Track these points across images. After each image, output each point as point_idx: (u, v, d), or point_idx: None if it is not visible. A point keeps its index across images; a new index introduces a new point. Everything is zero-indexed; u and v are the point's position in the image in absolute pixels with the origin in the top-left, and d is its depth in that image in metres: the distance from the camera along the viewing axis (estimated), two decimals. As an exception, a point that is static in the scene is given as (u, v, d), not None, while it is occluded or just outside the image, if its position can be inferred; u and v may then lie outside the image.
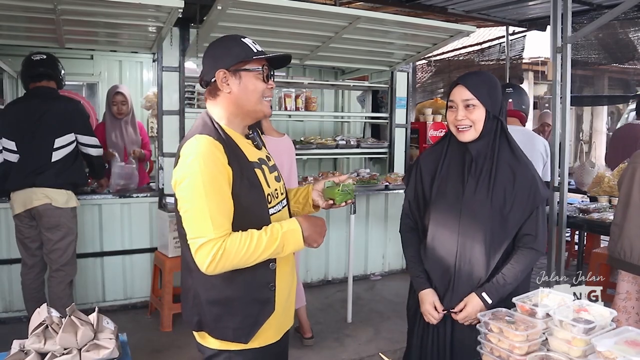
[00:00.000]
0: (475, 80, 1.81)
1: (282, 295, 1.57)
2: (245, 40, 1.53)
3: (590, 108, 14.97)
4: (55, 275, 3.22)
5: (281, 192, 1.63)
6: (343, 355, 3.40)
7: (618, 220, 2.66)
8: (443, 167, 1.87)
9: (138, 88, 5.68)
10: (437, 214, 1.84)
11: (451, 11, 5.19)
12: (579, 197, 5.52)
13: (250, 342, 1.50)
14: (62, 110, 3.22)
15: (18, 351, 1.49)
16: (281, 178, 1.67)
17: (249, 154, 1.53)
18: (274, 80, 1.58)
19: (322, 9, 3.38)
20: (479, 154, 1.80)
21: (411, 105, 5.30)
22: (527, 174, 1.79)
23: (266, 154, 1.64)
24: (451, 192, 1.82)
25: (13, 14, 3.10)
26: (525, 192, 1.77)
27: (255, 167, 1.52)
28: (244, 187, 1.45)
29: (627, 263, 2.58)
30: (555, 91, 3.65)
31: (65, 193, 3.22)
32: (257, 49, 1.53)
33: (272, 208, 1.54)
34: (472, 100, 1.77)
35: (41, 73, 3.23)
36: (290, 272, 1.63)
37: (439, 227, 1.83)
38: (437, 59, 8.39)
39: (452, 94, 1.83)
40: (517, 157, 1.82)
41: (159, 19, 3.27)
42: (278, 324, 1.58)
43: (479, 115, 1.77)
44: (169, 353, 3.35)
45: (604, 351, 1.22)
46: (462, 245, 1.78)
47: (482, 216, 1.75)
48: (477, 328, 1.48)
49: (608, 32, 5.95)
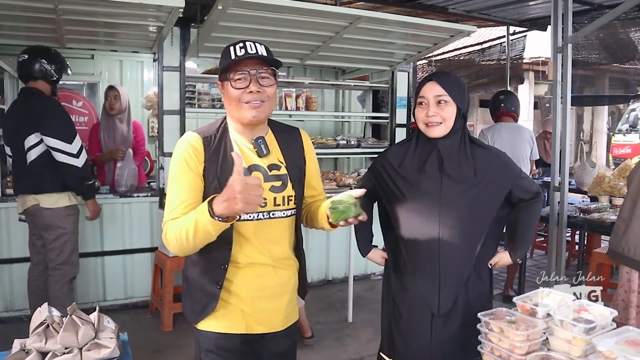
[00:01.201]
0: (446, 78, 1.83)
1: (240, 298, 1.58)
2: (231, 48, 1.54)
3: (590, 108, 14.97)
4: (52, 274, 3.22)
5: (277, 203, 1.59)
6: (344, 355, 3.41)
7: (625, 216, 2.64)
8: (413, 164, 1.87)
9: (139, 88, 5.68)
10: (413, 213, 1.84)
11: (452, 11, 5.19)
12: (579, 197, 5.53)
13: (205, 325, 1.60)
14: (29, 109, 3.09)
15: (19, 350, 1.49)
16: (287, 189, 1.62)
17: (243, 159, 1.53)
18: (261, 80, 1.54)
19: (322, 9, 3.38)
20: (449, 150, 1.81)
21: (412, 105, 5.30)
22: (498, 159, 1.86)
23: (272, 162, 1.62)
24: (426, 188, 1.81)
25: (13, 14, 3.10)
26: (499, 175, 1.83)
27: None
28: (212, 188, 1.51)
29: (630, 259, 2.57)
30: (556, 91, 3.65)
31: (52, 194, 3.13)
32: (237, 54, 1.52)
33: (246, 214, 1.51)
34: (444, 97, 1.78)
35: (22, 74, 3.19)
36: (259, 278, 1.59)
37: (416, 225, 1.83)
38: (438, 58, 8.39)
39: (423, 90, 1.82)
40: (484, 148, 1.88)
41: (160, 18, 3.27)
42: (237, 320, 1.59)
43: (450, 111, 1.79)
44: (170, 352, 3.35)
45: (605, 351, 1.22)
46: (445, 244, 1.79)
47: (461, 211, 1.78)
48: (478, 328, 1.48)
49: (609, 32, 5.95)
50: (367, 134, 5.62)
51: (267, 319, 1.63)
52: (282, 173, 1.62)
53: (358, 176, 4.67)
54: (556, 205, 3.67)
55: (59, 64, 3.26)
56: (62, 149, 3.06)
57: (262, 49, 1.56)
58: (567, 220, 3.68)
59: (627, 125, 12.36)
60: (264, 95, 1.55)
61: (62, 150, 3.06)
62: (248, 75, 1.53)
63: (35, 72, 3.14)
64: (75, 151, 3.10)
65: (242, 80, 1.53)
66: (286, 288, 1.67)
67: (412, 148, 1.89)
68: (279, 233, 1.63)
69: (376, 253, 2.12)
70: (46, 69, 3.17)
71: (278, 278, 1.63)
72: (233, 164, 1.42)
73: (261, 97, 1.54)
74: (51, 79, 3.22)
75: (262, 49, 1.56)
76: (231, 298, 1.58)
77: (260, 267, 1.59)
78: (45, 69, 3.17)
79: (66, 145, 3.07)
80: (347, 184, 4.18)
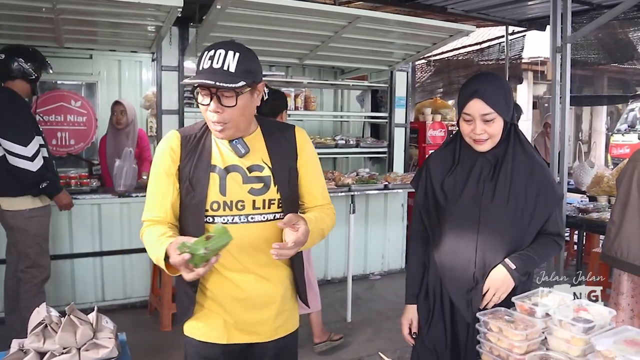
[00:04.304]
0: (491, 90, 1.64)
1: (221, 306, 1.53)
2: (204, 55, 1.44)
3: (589, 108, 14.98)
4: (21, 277, 3.15)
5: (257, 206, 1.50)
6: (343, 355, 3.40)
7: (615, 219, 2.65)
8: (456, 172, 1.73)
9: (137, 87, 5.67)
10: (452, 222, 1.70)
11: (451, 11, 5.19)
12: (578, 197, 5.53)
13: (189, 330, 1.59)
14: None
15: (17, 350, 1.48)
16: (269, 191, 1.52)
17: (220, 159, 1.51)
18: (223, 98, 1.40)
19: (321, 9, 3.38)
20: (495, 159, 1.69)
21: (410, 104, 5.31)
22: (544, 176, 1.71)
23: (254, 163, 1.52)
24: (467, 198, 1.68)
25: (12, 13, 3.09)
26: (543, 194, 1.68)
27: (213, 171, 1.49)
28: (184, 189, 1.51)
29: (622, 262, 2.57)
30: (555, 91, 3.65)
31: (14, 198, 3.04)
32: (203, 66, 1.41)
33: (219, 217, 1.48)
34: (491, 115, 1.62)
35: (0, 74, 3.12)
36: (238, 287, 1.52)
37: (454, 236, 1.70)
38: (437, 58, 8.40)
39: (468, 107, 1.64)
40: (531, 159, 1.70)
41: (158, 18, 3.27)
42: (219, 328, 1.54)
43: (498, 127, 1.65)
44: (168, 352, 3.34)
45: (603, 350, 1.22)
46: (481, 255, 1.65)
47: (501, 223, 1.65)
48: (477, 327, 1.48)
49: (607, 32, 5.95)
50: (366, 133, 5.62)
51: (252, 330, 1.56)
52: (264, 175, 1.53)
53: (357, 176, 4.66)
54: (555, 205, 3.67)
55: (37, 63, 3.17)
56: (16, 152, 2.95)
57: (233, 62, 1.39)
58: (566, 220, 3.68)
59: (626, 125, 12.38)
60: (225, 116, 1.42)
61: (15, 153, 2.95)
62: (209, 92, 1.41)
63: (13, 72, 3.08)
64: (30, 154, 2.98)
65: (205, 96, 1.42)
66: (273, 298, 1.56)
67: (456, 155, 1.75)
68: (262, 238, 1.51)
69: (410, 313, 1.87)
70: (24, 68, 3.09)
71: (261, 288, 1.54)
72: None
73: (222, 119, 1.42)
74: (30, 78, 3.14)
75: (233, 62, 1.39)
76: (212, 305, 1.54)
77: (237, 275, 1.51)
78: (23, 68, 3.09)
79: (21, 148, 2.96)
80: (345, 183, 4.18)
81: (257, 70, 1.47)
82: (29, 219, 3.11)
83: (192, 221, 1.51)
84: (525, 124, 12.12)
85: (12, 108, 3.02)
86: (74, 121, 5.20)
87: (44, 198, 3.16)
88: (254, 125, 1.57)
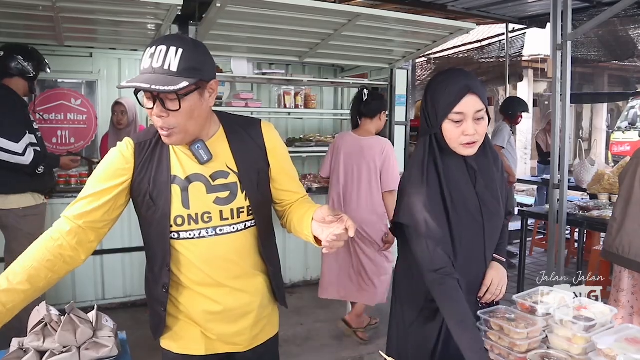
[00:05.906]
0: (481, 86, 1.50)
1: (195, 320, 1.48)
2: (147, 51, 1.30)
3: (590, 106, 14.99)
4: None
5: (225, 217, 1.39)
6: (343, 353, 3.40)
7: (617, 216, 2.65)
8: (449, 194, 1.52)
9: (137, 86, 5.66)
10: (461, 233, 1.52)
11: (451, 8, 5.19)
12: (578, 195, 5.53)
13: (165, 343, 1.54)
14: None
15: (17, 349, 1.48)
16: (237, 199, 1.40)
17: (180, 168, 1.38)
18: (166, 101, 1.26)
19: (321, 6, 3.37)
20: (479, 162, 1.58)
21: (411, 102, 5.29)
22: (496, 157, 1.65)
23: (217, 169, 1.39)
24: (470, 205, 1.54)
25: (12, 12, 3.09)
26: (500, 176, 1.65)
27: (173, 182, 1.37)
28: (145, 204, 1.39)
29: (624, 259, 2.57)
30: (555, 89, 3.64)
31: (7, 196, 3.03)
32: (144, 66, 1.28)
33: (185, 232, 1.38)
34: (482, 112, 1.47)
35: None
36: (211, 301, 1.45)
37: (465, 252, 1.54)
38: (437, 56, 8.39)
39: (462, 104, 1.45)
40: (491, 150, 1.65)
41: (158, 16, 3.26)
42: (196, 340, 1.49)
43: (485, 127, 1.50)
44: (169, 351, 3.34)
45: (605, 349, 1.22)
46: (488, 259, 1.63)
47: (499, 222, 1.63)
48: (477, 326, 1.48)
49: (608, 30, 5.95)
50: (366, 132, 5.59)
51: (230, 341, 1.51)
52: (230, 181, 1.40)
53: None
54: (556, 203, 3.67)
55: (36, 61, 3.19)
56: (6, 148, 2.96)
57: (175, 59, 1.23)
58: (567, 218, 3.68)
59: (627, 123, 12.36)
60: (170, 121, 1.27)
61: (6, 149, 2.96)
62: (151, 95, 1.26)
63: (11, 69, 3.10)
64: (21, 150, 2.99)
65: (149, 99, 1.28)
66: (250, 308, 1.50)
67: (436, 160, 1.53)
68: (233, 250, 1.42)
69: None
70: (23, 65, 3.12)
71: (237, 300, 1.46)
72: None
73: (168, 124, 1.28)
74: (28, 76, 3.16)
75: (175, 59, 1.23)
76: (186, 318, 1.49)
77: (209, 289, 1.43)
78: (22, 65, 3.12)
79: (12, 145, 2.97)
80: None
81: (206, 67, 1.30)
82: (23, 217, 3.11)
83: (156, 238, 1.42)
84: (526, 122, 12.12)
85: (6, 104, 3.02)
86: (74, 120, 5.18)
87: (38, 196, 3.16)
88: (214, 125, 1.42)
